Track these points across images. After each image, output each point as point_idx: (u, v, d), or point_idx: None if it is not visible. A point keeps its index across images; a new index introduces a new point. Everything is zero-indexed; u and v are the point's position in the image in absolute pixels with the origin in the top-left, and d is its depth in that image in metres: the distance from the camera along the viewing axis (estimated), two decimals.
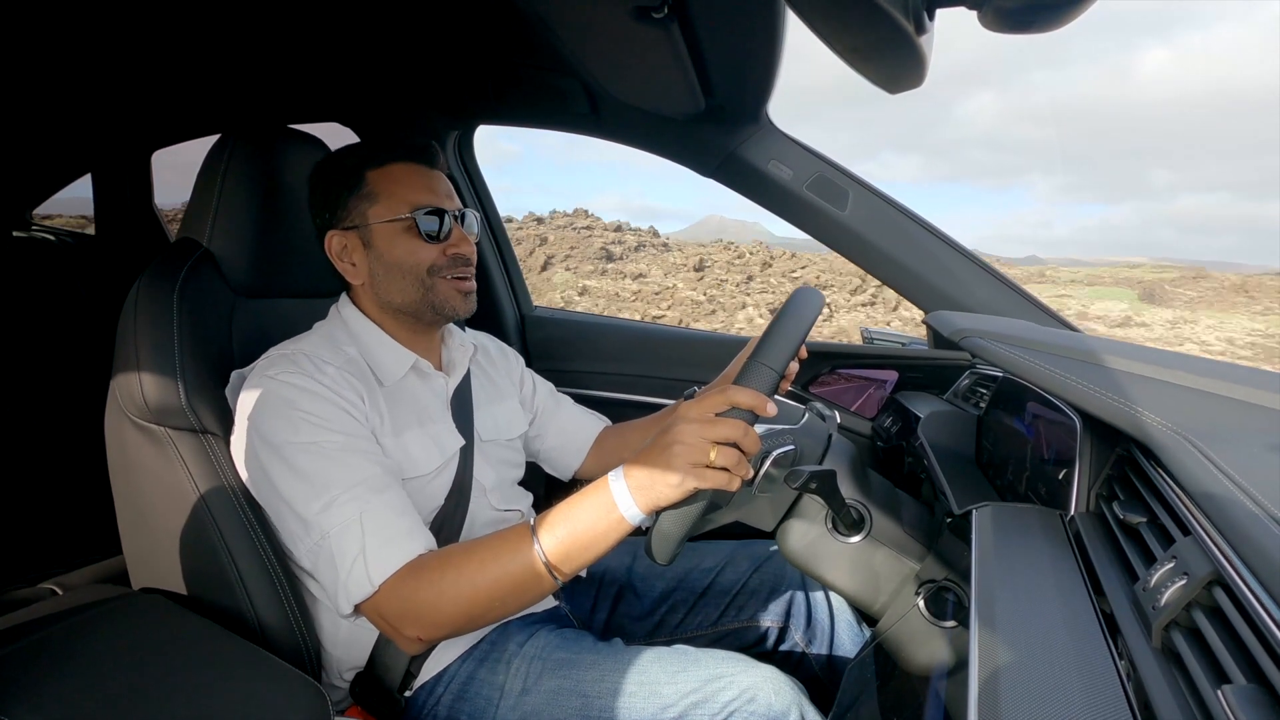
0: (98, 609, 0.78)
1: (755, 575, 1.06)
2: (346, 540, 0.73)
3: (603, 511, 0.70)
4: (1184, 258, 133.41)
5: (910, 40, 0.53)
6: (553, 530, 0.71)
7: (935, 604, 0.78)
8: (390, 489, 0.78)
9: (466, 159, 1.66)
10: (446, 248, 0.89)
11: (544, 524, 0.72)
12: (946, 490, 0.88)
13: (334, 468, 0.75)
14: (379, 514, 0.75)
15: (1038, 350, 0.79)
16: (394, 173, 0.88)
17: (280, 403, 0.77)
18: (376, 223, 0.87)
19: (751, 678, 0.79)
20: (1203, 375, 0.65)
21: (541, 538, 0.71)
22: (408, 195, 0.87)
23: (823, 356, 1.44)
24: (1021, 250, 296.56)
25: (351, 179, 0.88)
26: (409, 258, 0.88)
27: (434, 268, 0.88)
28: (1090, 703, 0.40)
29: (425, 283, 0.88)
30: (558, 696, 0.81)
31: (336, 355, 0.84)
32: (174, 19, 1.21)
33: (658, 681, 0.80)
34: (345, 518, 0.74)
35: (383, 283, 0.89)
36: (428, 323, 0.93)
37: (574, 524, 0.70)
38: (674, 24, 0.82)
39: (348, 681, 0.88)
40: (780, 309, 0.78)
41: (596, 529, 0.70)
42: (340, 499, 0.74)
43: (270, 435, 0.77)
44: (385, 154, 0.89)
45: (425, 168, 0.90)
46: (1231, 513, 0.42)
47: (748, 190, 1.31)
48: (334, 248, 0.90)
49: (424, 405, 0.92)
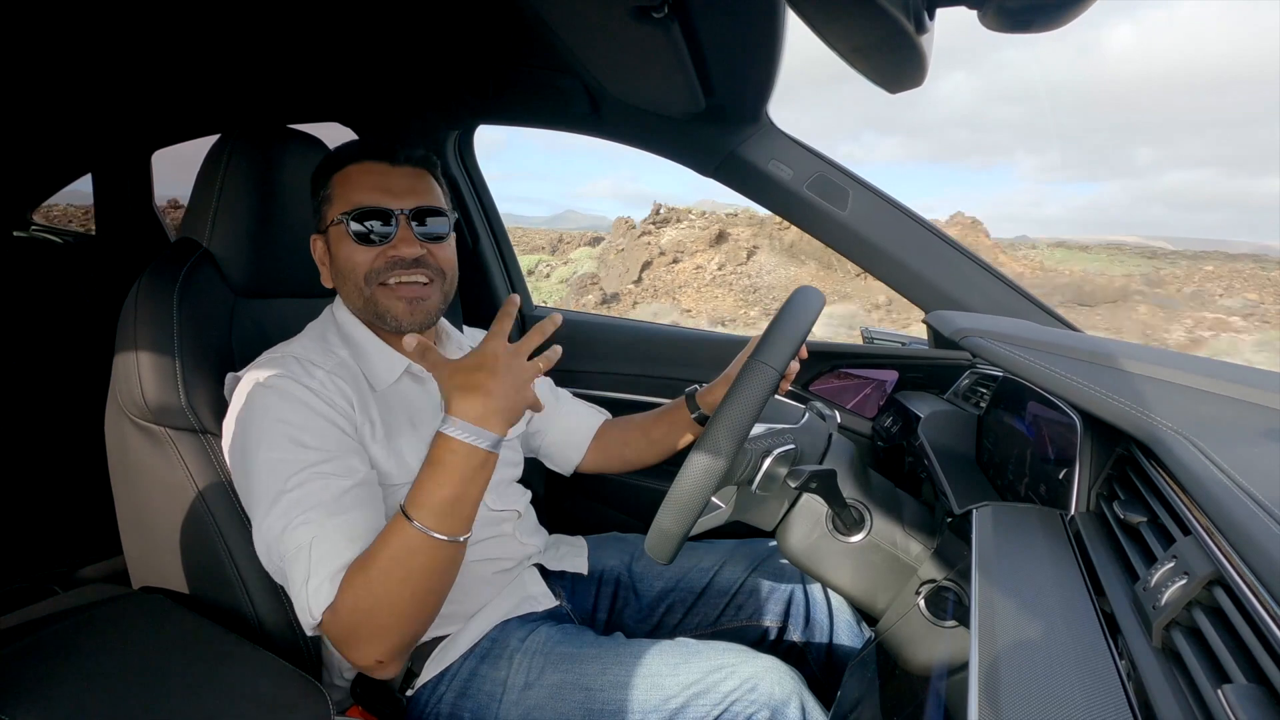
0: (98, 608, 0.78)
1: (754, 574, 1.06)
2: (296, 567, 0.71)
3: (460, 461, 0.70)
4: (1176, 235, 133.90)
5: (911, 40, 0.54)
6: (424, 507, 0.69)
7: (935, 604, 0.78)
8: (350, 510, 0.74)
9: (466, 159, 1.66)
10: (386, 250, 0.84)
11: (414, 504, 0.70)
12: (947, 490, 0.88)
13: (296, 489, 0.73)
14: (329, 541, 0.71)
15: (1038, 350, 0.79)
16: (350, 173, 0.86)
17: (262, 409, 0.77)
18: (328, 225, 0.87)
19: (752, 667, 0.79)
20: (1203, 375, 0.65)
21: (421, 519, 0.69)
22: (352, 196, 0.84)
23: (823, 356, 1.44)
24: (1013, 230, 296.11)
25: (321, 181, 0.88)
26: (346, 263, 0.85)
27: (370, 274, 0.84)
28: (1090, 702, 0.40)
29: (364, 291, 0.85)
30: (561, 690, 0.81)
31: (327, 358, 0.83)
32: (174, 19, 1.21)
33: (659, 673, 0.80)
34: (298, 543, 0.71)
35: (339, 288, 0.89)
36: (389, 330, 0.88)
37: (443, 492, 0.70)
38: (674, 24, 0.82)
39: (348, 681, 0.88)
40: (781, 308, 0.78)
41: (464, 479, 0.70)
42: (295, 521, 0.72)
43: (248, 445, 0.76)
44: (346, 154, 0.87)
45: (384, 165, 0.86)
46: (1232, 512, 0.42)
47: (748, 190, 1.31)
48: (316, 251, 0.90)
49: (418, 409, 0.91)
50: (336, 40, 1.32)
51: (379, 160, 0.87)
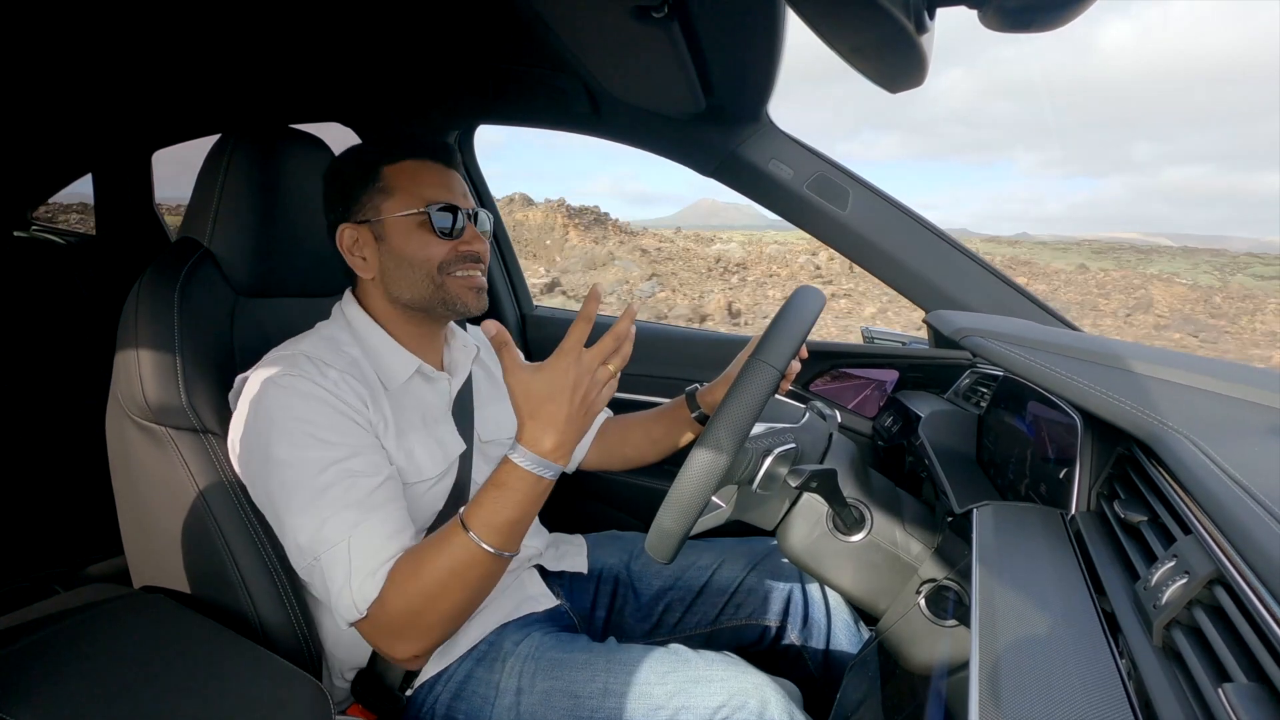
0: (99, 608, 0.78)
1: (753, 573, 1.07)
2: (335, 565, 0.73)
3: (526, 487, 0.72)
4: (1178, 231, 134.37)
5: (911, 40, 0.54)
6: (488, 526, 0.72)
7: (936, 603, 0.78)
8: (385, 506, 0.77)
9: (467, 159, 1.66)
10: (459, 244, 0.88)
11: (479, 522, 0.72)
12: (947, 489, 0.88)
13: (328, 488, 0.74)
14: (368, 537, 0.74)
15: (1038, 349, 0.79)
16: (410, 169, 0.88)
17: (280, 409, 0.76)
18: (390, 216, 0.87)
19: (742, 683, 0.79)
20: (1203, 374, 0.65)
21: (484, 536, 0.72)
22: (423, 191, 0.87)
23: (823, 356, 1.44)
24: (1013, 228, 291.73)
25: (368, 173, 0.88)
26: (421, 252, 0.87)
27: (445, 264, 0.88)
28: (1091, 701, 0.40)
29: (436, 279, 0.88)
30: (550, 697, 0.81)
31: (338, 357, 0.83)
32: (175, 19, 1.21)
33: (648, 681, 0.80)
34: (335, 540, 0.73)
35: (393, 277, 0.89)
36: (436, 319, 0.92)
37: (504, 516, 0.72)
38: (674, 24, 0.82)
39: (349, 680, 0.88)
40: (781, 308, 0.78)
41: (527, 502, 0.73)
42: (330, 521, 0.73)
43: (268, 445, 0.76)
44: (403, 150, 0.89)
45: (441, 166, 0.90)
46: (1232, 511, 0.42)
47: (748, 190, 1.31)
48: (345, 241, 0.89)
49: (428, 408, 0.91)
50: (337, 40, 1.32)
51: (437, 160, 0.90)
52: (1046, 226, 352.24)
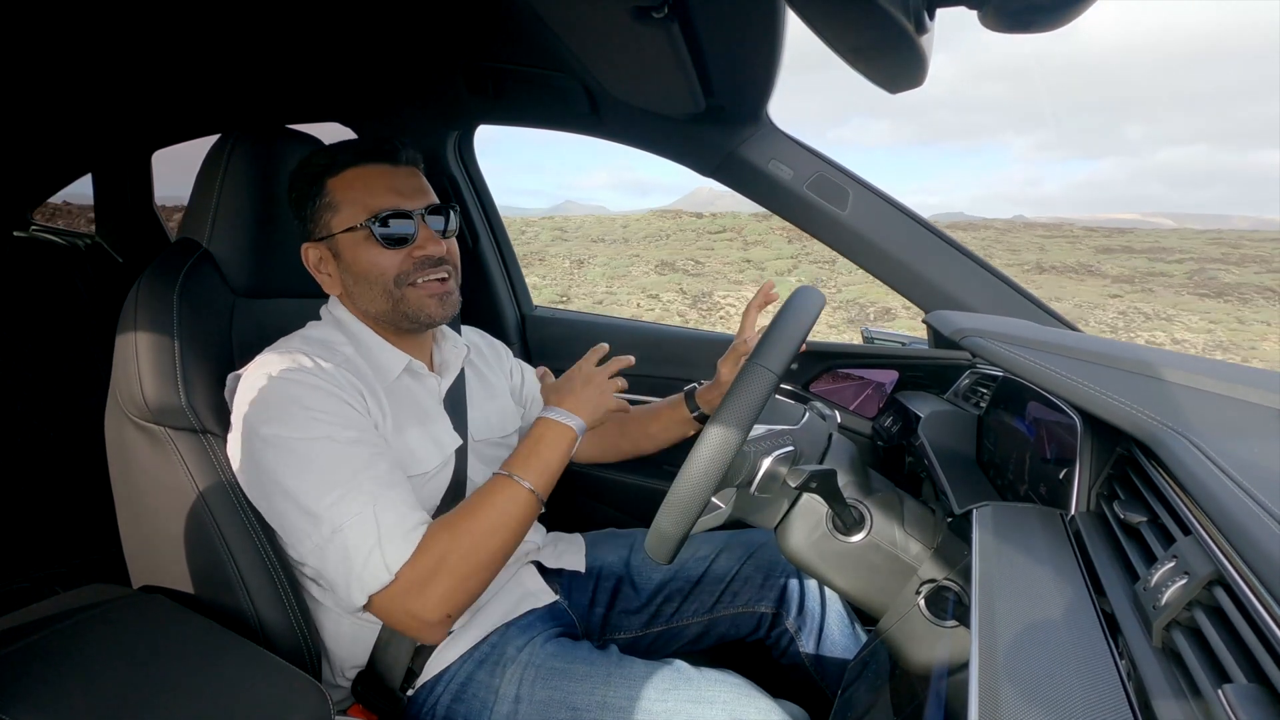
0: (98, 609, 0.78)
1: (749, 562, 1.08)
2: (361, 533, 0.72)
3: (556, 435, 0.87)
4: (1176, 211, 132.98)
5: (911, 40, 0.53)
6: (529, 469, 0.83)
7: (936, 603, 0.78)
8: (400, 485, 0.78)
9: (466, 159, 1.66)
10: (413, 250, 0.85)
11: (521, 467, 0.83)
12: (947, 490, 0.88)
13: (344, 461, 0.75)
14: (393, 506, 0.75)
15: (1038, 350, 0.79)
16: (352, 177, 0.84)
17: (284, 400, 0.76)
18: (339, 232, 0.84)
19: (745, 708, 0.78)
20: (1203, 375, 0.65)
21: (527, 479, 0.82)
22: (366, 200, 0.83)
23: (822, 356, 1.44)
24: (1009, 210, 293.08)
25: (314, 188, 0.85)
26: (373, 268, 0.84)
27: (401, 275, 0.84)
28: (1091, 702, 0.40)
29: (394, 293, 0.85)
30: (548, 707, 0.81)
31: (333, 355, 0.83)
32: (174, 19, 1.21)
33: (648, 698, 0.80)
34: (358, 510, 0.73)
35: (355, 294, 0.87)
36: (407, 330, 0.90)
37: (544, 459, 0.85)
38: (674, 24, 0.81)
39: (349, 680, 0.88)
40: (780, 309, 0.78)
41: (559, 451, 0.86)
42: (351, 493, 0.74)
43: (274, 432, 0.76)
44: (343, 158, 0.85)
45: (386, 166, 0.85)
46: (1232, 512, 0.42)
47: (748, 190, 1.31)
48: (311, 260, 0.88)
49: (421, 404, 0.91)
50: (337, 40, 1.32)
51: (381, 162, 0.86)
52: (1045, 208, 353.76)
